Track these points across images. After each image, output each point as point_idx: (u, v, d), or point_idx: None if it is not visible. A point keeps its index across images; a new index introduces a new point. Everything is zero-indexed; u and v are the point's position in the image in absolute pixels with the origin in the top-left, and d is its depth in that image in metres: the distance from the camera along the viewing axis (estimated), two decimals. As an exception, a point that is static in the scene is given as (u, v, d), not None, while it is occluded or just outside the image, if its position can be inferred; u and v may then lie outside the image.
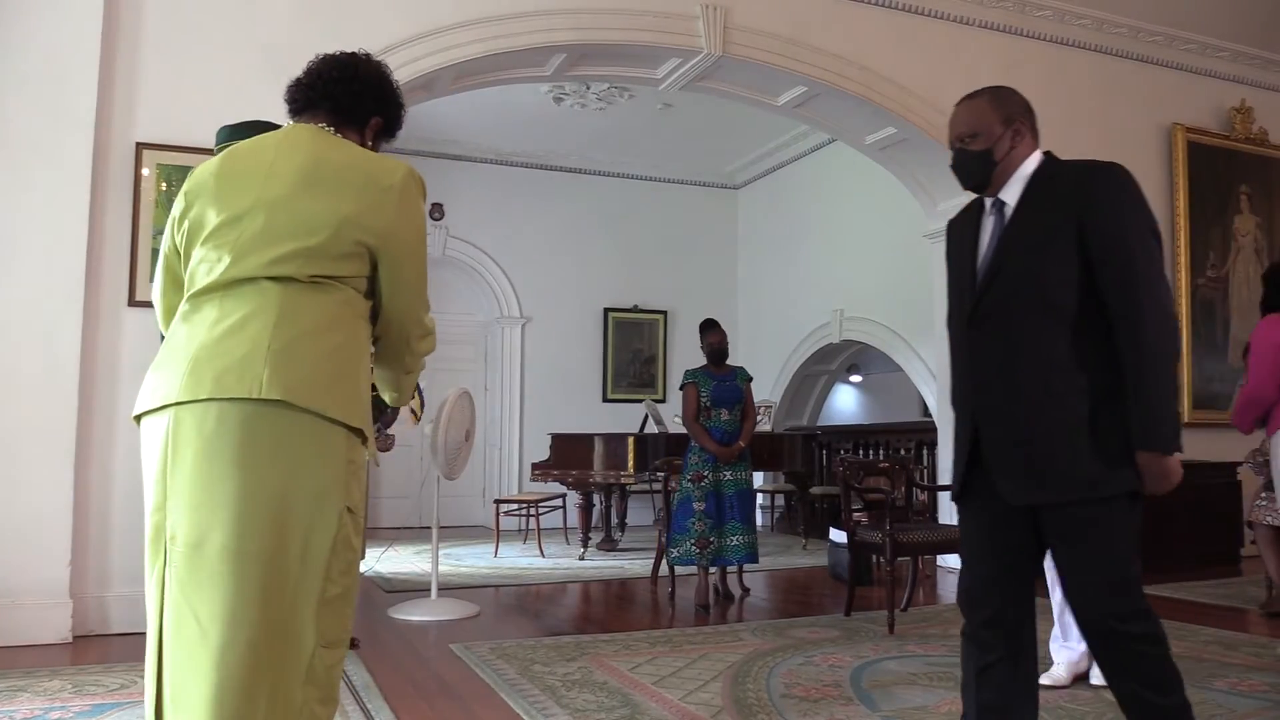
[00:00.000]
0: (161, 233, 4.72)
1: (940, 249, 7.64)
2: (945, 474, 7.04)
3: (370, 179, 1.92)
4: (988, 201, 2.36)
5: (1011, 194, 2.30)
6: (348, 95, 2.05)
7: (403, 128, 2.22)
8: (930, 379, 8.22)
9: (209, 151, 4.80)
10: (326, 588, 1.76)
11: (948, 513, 6.88)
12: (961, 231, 2.42)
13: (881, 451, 8.86)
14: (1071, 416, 2.14)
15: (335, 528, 1.77)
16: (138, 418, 1.84)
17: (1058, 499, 2.17)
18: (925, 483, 7.47)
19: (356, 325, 1.90)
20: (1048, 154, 2.35)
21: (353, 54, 2.11)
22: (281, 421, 1.74)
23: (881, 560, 4.90)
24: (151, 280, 4.72)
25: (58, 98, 4.60)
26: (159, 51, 4.87)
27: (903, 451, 8.46)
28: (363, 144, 2.08)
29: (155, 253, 4.73)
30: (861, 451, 9.21)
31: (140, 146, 4.78)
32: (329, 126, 2.03)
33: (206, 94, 4.87)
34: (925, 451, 8.16)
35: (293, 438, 1.75)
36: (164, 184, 4.81)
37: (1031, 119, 2.39)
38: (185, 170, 4.81)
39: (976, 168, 2.35)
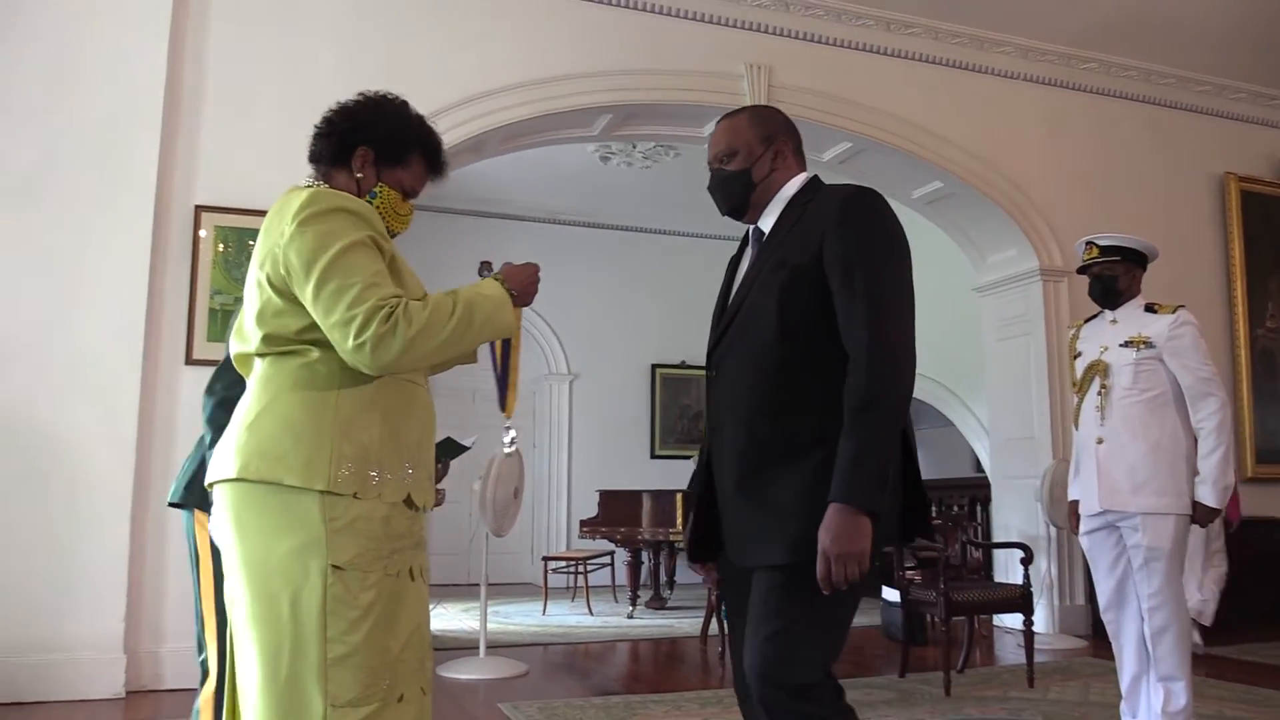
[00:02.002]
0: (219, 293, 4.87)
1: (988, 303, 7.57)
2: (1000, 531, 6.91)
3: (281, 217, 1.86)
4: (750, 232, 2.16)
5: (769, 222, 2.09)
6: (319, 142, 2.02)
7: (428, 145, 2.06)
8: (982, 434, 8.10)
9: (264, 214, 4.92)
10: (329, 649, 1.76)
11: (1003, 571, 6.74)
12: (731, 267, 2.22)
13: (934, 508, 8.70)
14: (786, 471, 1.91)
15: (320, 588, 1.76)
16: None
17: (761, 563, 1.94)
18: (979, 540, 7.33)
19: (321, 385, 1.84)
20: (814, 178, 2.13)
21: (340, 102, 2.06)
22: (252, 495, 1.81)
23: (936, 620, 4.80)
24: (211, 339, 4.85)
25: (121, 162, 4.76)
26: (217, 118, 5.03)
27: (955, 508, 8.30)
28: (354, 183, 1.99)
29: (212, 312, 4.86)
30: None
31: (199, 209, 4.91)
32: (316, 180, 2.00)
33: (262, 158, 5.00)
34: (979, 508, 8.00)
35: (264, 508, 1.80)
36: (221, 245, 4.93)
37: (795, 140, 2.16)
38: (241, 232, 4.93)
39: (733, 189, 2.13)
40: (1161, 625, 3.36)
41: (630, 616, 7.57)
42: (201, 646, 2.74)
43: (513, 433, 4.98)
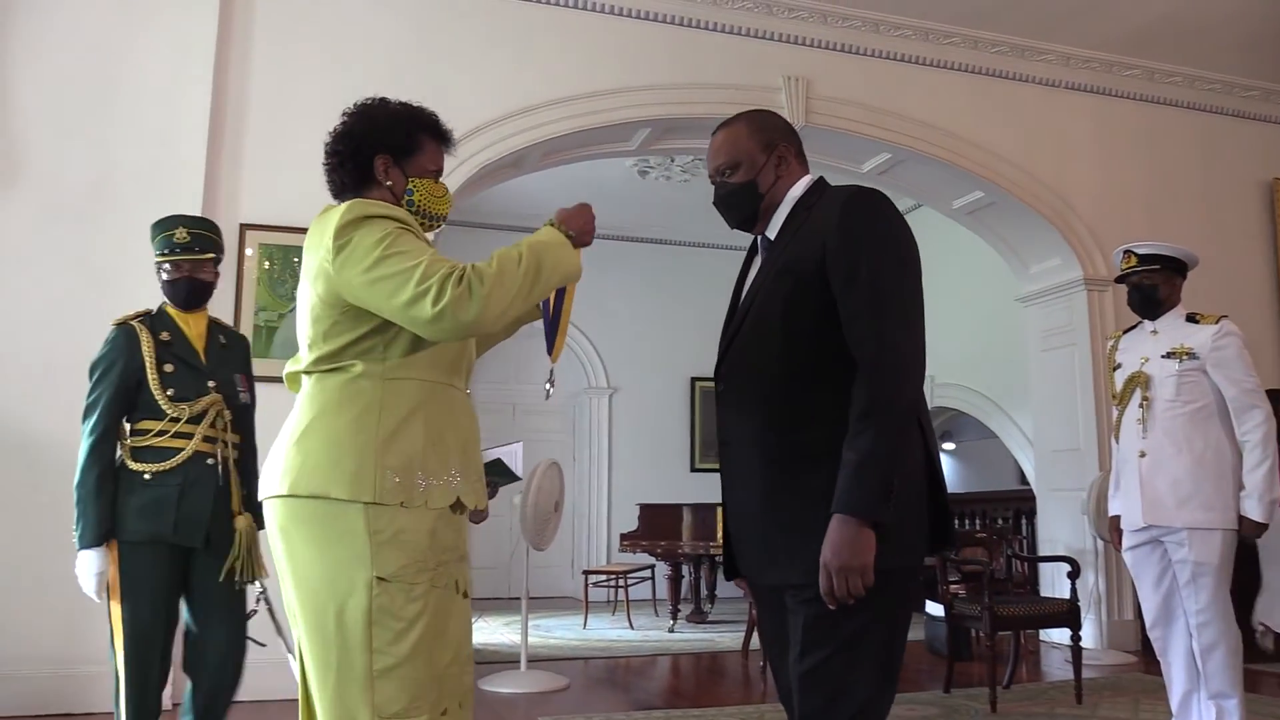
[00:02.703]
0: (263, 310, 4.93)
1: (1032, 314, 7.43)
2: (1046, 544, 6.81)
3: (324, 231, 1.89)
4: (759, 240, 2.07)
5: (775, 229, 2.01)
6: (336, 170, 2.07)
7: (426, 122, 2.08)
8: (1026, 446, 8.00)
9: (306, 231, 5.00)
10: (374, 660, 1.77)
11: (1049, 585, 6.64)
12: (741, 277, 2.12)
13: (978, 521, 8.60)
14: (798, 486, 1.83)
15: (365, 599, 1.78)
16: None
17: (777, 581, 1.87)
18: (1025, 553, 7.23)
19: (365, 398, 1.86)
20: (818, 180, 2.05)
21: (332, 131, 2.09)
22: (300, 511, 1.83)
23: (981, 634, 4.73)
24: (255, 355, 4.91)
25: (168, 181, 4.84)
26: (260, 138, 5.11)
27: (1000, 521, 8.21)
28: (388, 192, 2.02)
29: (257, 329, 4.91)
30: (957, 521, 8.96)
31: (244, 227, 4.99)
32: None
33: (305, 177, 5.03)
34: (1024, 521, 7.91)
35: (311, 523, 1.82)
36: (265, 262, 4.99)
37: (796, 142, 2.08)
38: (286, 249, 5.00)
39: (741, 201, 2.03)
40: (1211, 641, 3.29)
41: (671, 630, 7.55)
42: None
43: (553, 376, 4.80)
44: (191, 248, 3.17)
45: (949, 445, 13.02)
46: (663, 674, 5.86)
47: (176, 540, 2.88)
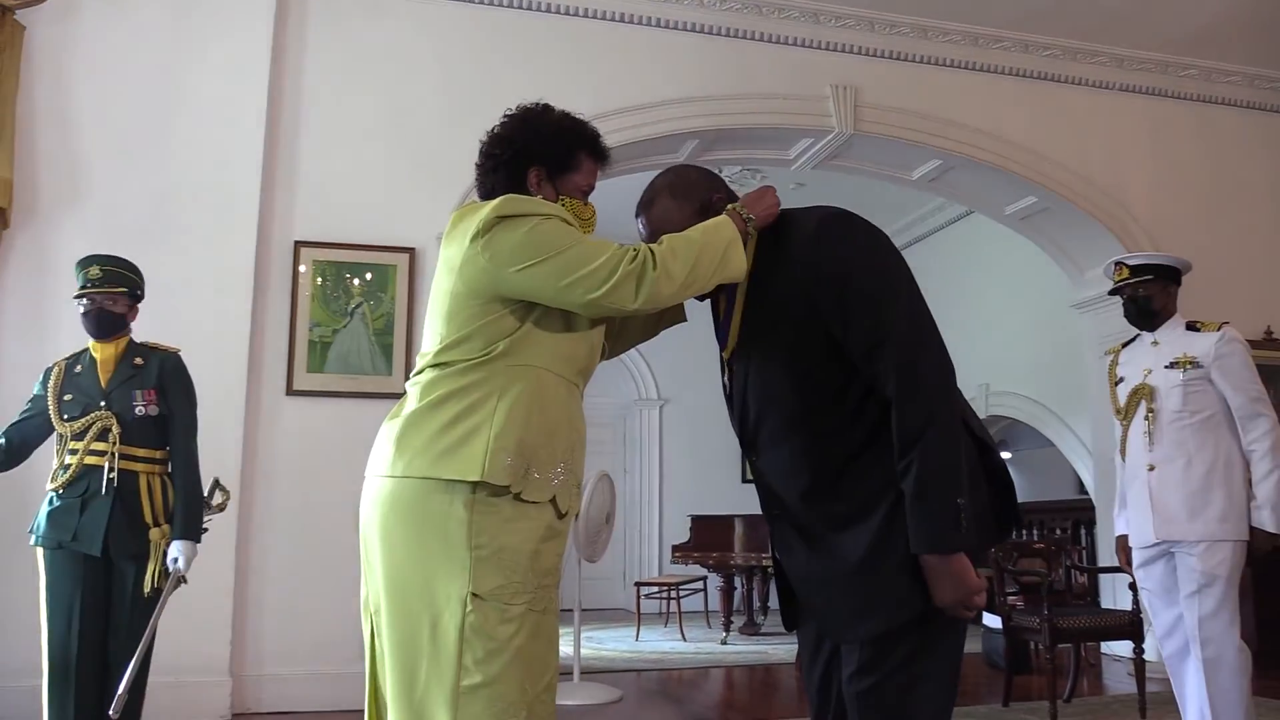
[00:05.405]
0: (317, 325, 5.01)
1: (1088, 320, 7.28)
2: (1106, 554, 6.67)
3: (471, 222, 1.86)
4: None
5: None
6: (489, 174, 2.02)
7: (586, 139, 2.10)
8: (1085, 454, 7.85)
9: (361, 248, 5.10)
10: (461, 676, 1.73)
11: (1110, 596, 6.50)
12: (717, 330, 2.00)
13: (1036, 531, 8.46)
14: (846, 540, 1.75)
15: (459, 615, 1.74)
16: None
17: (842, 640, 1.78)
18: (1084, 564, 7.09)
19: (490, 384, 1.82)
20: None
21: (491, 132, 2.06)
22: (407, 494, 1.79)
23: (1040, 647, 4.64)
24: (310, 370, 4.99)
25: (225, 201, 4.95)
26: (314, 156, 5.19)
27: (1059, 531, 8.06)
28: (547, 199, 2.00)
29: (311, 344, 4.98)
30: (1014, 531, 8.79)
31: (298, 245, 5.07)
32: None
33: (358, 194, 5.16)
34: (1083, 531, 7.76)
35: (416, 509, 1.78)
36: (319, 279, 5.07)
37: (723, 185, 1.98)
38: (339, 266, 5.07)
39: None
40: (1213, 656, 3.19)
41: (724, 642, 7.51)
42: None
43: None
44: (102, 282, 3.36)
45: (1005, 455, 12.84)
46: (716, 686, 5.84)
47: (75, 547, 3.09)
